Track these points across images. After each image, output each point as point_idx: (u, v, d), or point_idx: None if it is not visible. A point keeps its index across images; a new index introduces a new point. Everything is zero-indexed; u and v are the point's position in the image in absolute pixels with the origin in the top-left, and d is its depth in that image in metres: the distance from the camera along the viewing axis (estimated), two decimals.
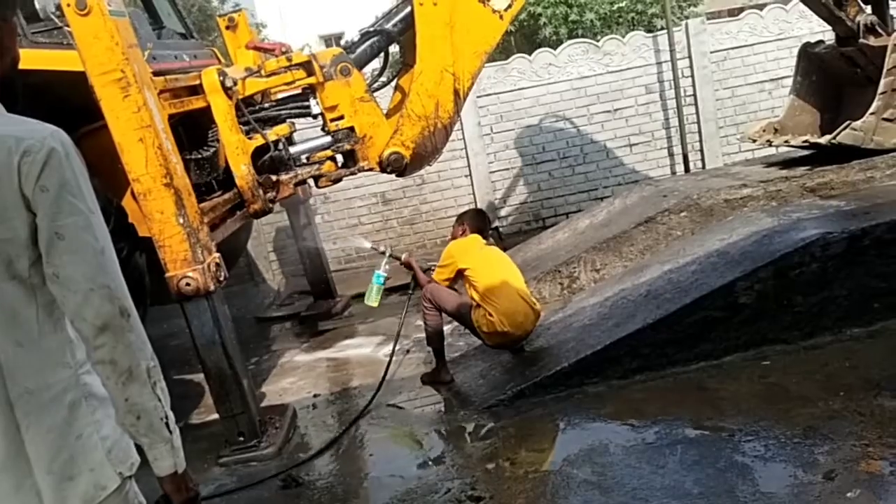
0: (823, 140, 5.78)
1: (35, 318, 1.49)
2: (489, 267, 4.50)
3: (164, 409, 1.56)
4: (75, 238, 1.46)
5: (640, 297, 4.51)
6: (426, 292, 4.65)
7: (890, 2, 5.94)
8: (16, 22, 1.58)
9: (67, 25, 3.67)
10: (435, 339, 4.66)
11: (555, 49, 8.53)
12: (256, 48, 5.34)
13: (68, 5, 3.55)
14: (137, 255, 4.28)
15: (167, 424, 1.56)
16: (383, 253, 4.92)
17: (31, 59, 3.76)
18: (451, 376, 4.63)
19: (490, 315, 4.35)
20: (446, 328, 5.82)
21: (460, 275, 4.56)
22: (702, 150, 8.58)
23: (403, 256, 4.94)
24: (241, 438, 4.03)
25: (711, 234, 5.07)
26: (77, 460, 1.52)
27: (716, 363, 4.08)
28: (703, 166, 8.48)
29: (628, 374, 4.06)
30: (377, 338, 6.05)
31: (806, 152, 6.27)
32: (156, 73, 4.01)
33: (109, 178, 4.04)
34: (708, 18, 9.40)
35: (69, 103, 3.75)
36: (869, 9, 5.89)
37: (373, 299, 4.91)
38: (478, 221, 4.88)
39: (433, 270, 4.79)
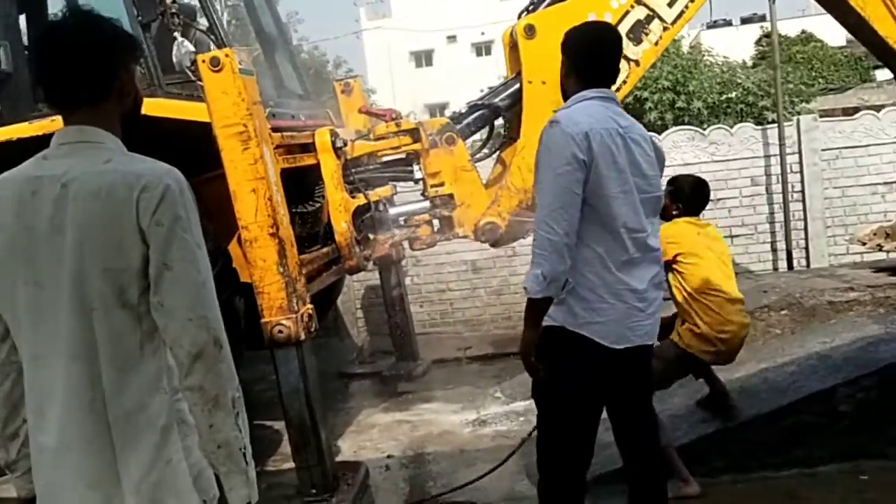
0: None
1: (138, 344, 1.57)
2: (704, 259, 3.84)
3: (243, 439, 1.60)
4: (181, 270, 1.54)
5: (732, 394, 4.33)
6: None
7: None
8: (134, 68, 1.71)
9: (200, 80, 3.94)
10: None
11: (659, 134, 8.51)
12: (368, 112, 5.57)
13: (203, 61, 3.83)
14: (237, 299, 4.44)
15: (245, 456, 1.60)
16: None
17: (165, 107, 4.04)
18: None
19: (695, 326, 3.76)
20: (522, 404, 5.71)
21: (669, 265, 3.79)
22: (807, 248, 8.28)
23: None
24: (314, 491, 4.03)
25: (813, 335, 4.87)
26: (164, 485, 1.57)
27: (809, 472, 3.86)
28: (808, 265, 8.17)
29: (714, 472, 3.88)
30: (455, 405, 6.01)
31: None
32: (274, 130, 4.23)
33: (219, 224, 4.25)
34: (821, 116, 9.19)
35: (194, 151, 3.99)
36: None
37: None
38: (698, 200, 4.12)
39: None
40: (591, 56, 2.69)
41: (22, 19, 4.86)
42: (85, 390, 1.54)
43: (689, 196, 4.06)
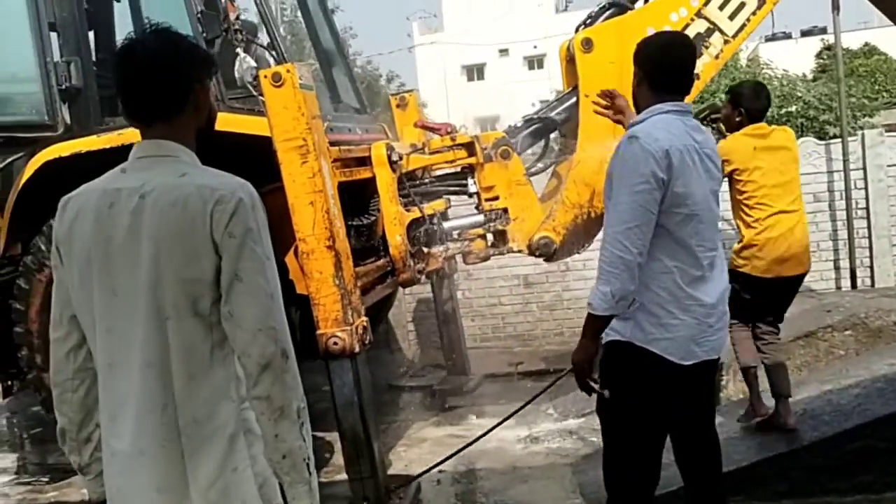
0: None
1: (209, 353, 1.60)
2: (757, 172, 3.95)
3: (307, 450, 1.62)
4: (251, 281, 1.58)
5: (793, 416, 4.20)
6: None
7: None
8: (209, 83, 1.76)
9: (261, 94, 4.01)
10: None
11: None
12: (424, 126, 5.60)
13: (265, 76, 3.90)
14: (293, 310, 4.49)
15: (308, 466, 1.61)
16: None
17: (227, 122, 4.12)
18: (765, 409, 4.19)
19: (738, 243, 3.93)
20: (575, 422, 5.64)
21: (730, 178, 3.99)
22: (872, 267, 8.02)
23: None
24: (366, 503, 4.05)
25: (879, 357, 4.72)
26: (231, 491, 1.60)
27: (875, 498, 3.72)
28: (872, 284, 7.91)
29: (776, 497, 3.76)
30: (507, 421, 5.95)
31: None
32: (331, 143, 4.28)
33: (276, 237, 4.30)
34: (886, 131, 8.92)
35: (251, 164, 4.06)
36: None
37: None
38: (758, 101, 4.15)
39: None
40: (664, 66, 2.64)
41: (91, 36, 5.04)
42: (158, 396, 1.57)
43: (749, 98, 4.13)
